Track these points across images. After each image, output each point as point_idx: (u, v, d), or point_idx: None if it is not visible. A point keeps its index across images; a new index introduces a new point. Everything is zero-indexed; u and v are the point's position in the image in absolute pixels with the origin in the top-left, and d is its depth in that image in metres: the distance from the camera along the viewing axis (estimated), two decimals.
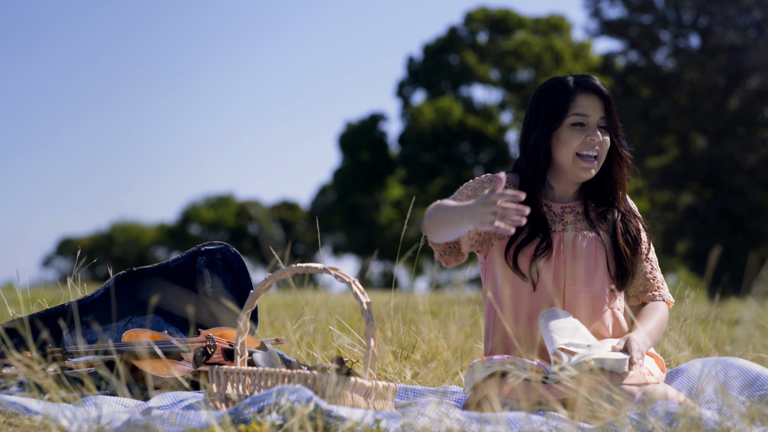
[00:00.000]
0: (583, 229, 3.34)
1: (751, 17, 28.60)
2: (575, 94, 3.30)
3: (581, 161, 3.28)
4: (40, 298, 4.40)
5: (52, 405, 2.82)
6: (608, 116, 3.31)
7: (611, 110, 3.31)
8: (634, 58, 30.39)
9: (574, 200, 3.40)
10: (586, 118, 3.28)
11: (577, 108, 3.28)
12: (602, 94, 3.30)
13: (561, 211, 3.36)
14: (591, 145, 3.27)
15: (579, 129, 3.28)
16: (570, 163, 3.29)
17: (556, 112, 3.29)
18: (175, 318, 3.91)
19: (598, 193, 3.40)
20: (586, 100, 3.30)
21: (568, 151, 3.28)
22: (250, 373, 2.94)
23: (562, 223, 3.34)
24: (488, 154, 33.92)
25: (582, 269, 3.27)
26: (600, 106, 3.30)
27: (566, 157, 3.29)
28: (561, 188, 3.39)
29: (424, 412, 2.67)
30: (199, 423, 2.61)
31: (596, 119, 3.29)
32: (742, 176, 28.03)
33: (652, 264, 3.41)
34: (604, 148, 3.31)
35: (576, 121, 3.28)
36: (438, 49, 34.46)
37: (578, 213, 3.37)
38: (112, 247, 47.42)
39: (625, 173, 3.40)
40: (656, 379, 3.08)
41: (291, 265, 3.08)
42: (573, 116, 3.28)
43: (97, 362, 3.41)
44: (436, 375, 4.04)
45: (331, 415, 2.60)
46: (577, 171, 3.29)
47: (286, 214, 46.28)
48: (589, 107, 3.29)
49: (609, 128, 3.31)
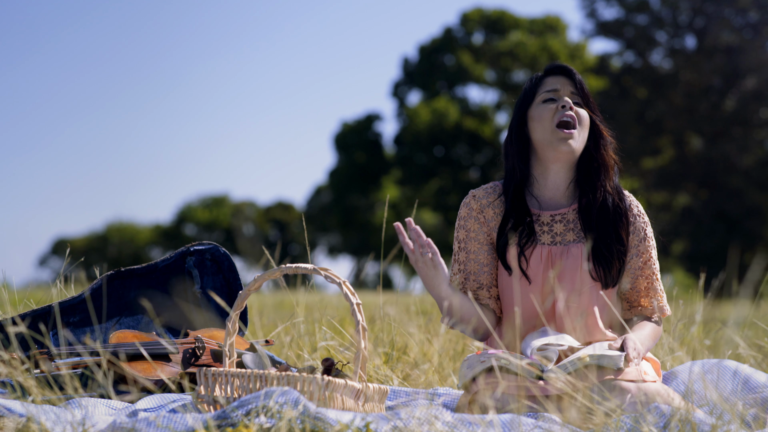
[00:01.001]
0: (572, 241, 3.26)
1: (747, 18, 28.62)
2: (543, 78, 3.33)
3: (559, 131, 3.22)
4: (29, 299, 4.36)
5: (35, 407, 2.78)
6: (581, 93, 3.28)
7: (583, 89, 3.29)
8: (630, 58, 30.42)
9: (567, 204, 3.32)
10: (555, 92, 3.27)
11: (546, 86, 3.29)
12: (570, 73, 3.29)
13: (550, 220, 3.29)
14: (563, 112, 3.22)
15: (550, 102, 3.27)
16: (549, 138, 3.23)
17: (525, 97, 3.31)
18: (163, 319, 3.87)
19: (591, 185, 3.29)
20: (554, 79, 3.31)
21: (544, 126, 3.24)
22: (239, 375, 2.91)
23: (550, 234, 3.28)
24: (484, 155, 33.92)
25: (568, 284, 3.20)
26: (569, 82, 3.29)
27: (543, 132, 3.24)
28: (549, 184, 3.31)
29: (415, 414, 2.63)
30: (185, 426, 2.58)
31: (566, 93, 3.28)
32: (738, 177, 28.06)
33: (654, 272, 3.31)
34: (581, 118, 3.25)
35: (546, 97, 3.27)
36: (433, 50, 34.48)
37: (569, 221, 3.29)
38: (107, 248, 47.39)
39: (610, 155, 3.31)
40: (653, 378, 3.04)
41: (281, 266, 3.05)
42: (543, 94, 3.28)
43: (84, 363, 3.37)
44: (428, 377, 4.01)
45: (320, 418, 2.56)
46: (557, 143, 3.22)
47: (281, 215, 46.28)
48: (557, 83, 3.29)
49: (584, 104, 3.28)
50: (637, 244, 3.30)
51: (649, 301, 3.30)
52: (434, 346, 4.43)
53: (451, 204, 32.00)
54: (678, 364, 4.09)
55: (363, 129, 35.99)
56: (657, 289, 3.32)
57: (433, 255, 3.09)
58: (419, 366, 4.16)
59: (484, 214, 3.32)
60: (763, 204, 28.23)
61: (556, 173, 3.30)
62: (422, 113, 33.21)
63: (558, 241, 3.25)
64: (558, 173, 3.30)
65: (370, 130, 36.04)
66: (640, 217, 3.33)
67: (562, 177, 3.31)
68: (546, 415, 2.83)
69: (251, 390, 2.87)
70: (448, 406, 3.27)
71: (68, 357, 3.39)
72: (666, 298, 3.35)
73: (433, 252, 3.08)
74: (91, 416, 2.75)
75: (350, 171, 35.54)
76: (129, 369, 3.37)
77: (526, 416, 2.85)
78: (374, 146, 35.74)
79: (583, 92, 3.28)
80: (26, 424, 2.65)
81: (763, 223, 28.27)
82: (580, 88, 3.28)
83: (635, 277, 3.30)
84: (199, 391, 2.95)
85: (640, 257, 3.30)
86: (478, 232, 3.31)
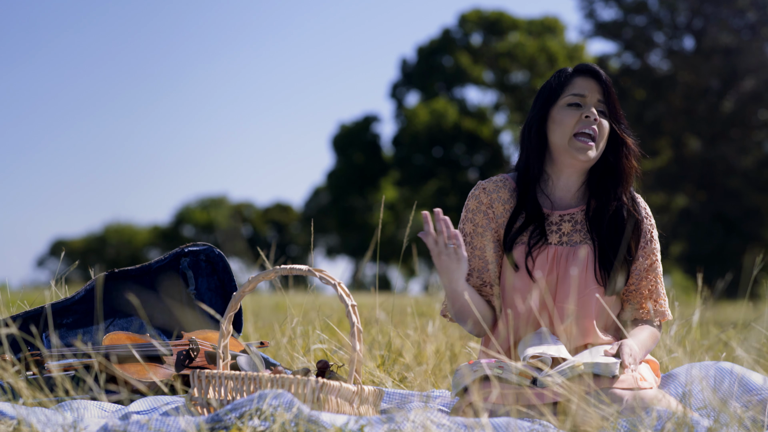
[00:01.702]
0: (578, 241, 3.21)
1: (745, 19, 28.60)
2: (572, 77, 3.23)
3: (577, 141, 3.15)
4: (22, 300, 4.33)
5: (26, 409, 2.76)
6: (607, 101, 3.20)
7: (610, 96, 3.20)
8: (629, 59, 30.40)
9: (576, 204, 3.27)
10: (582, 98, 3.18)
11: (574, 89, 3.20)
12: (600, 78, 3.20)
13: (559, 220, 3.24)
14: (587, 123, 3.15)
15: (575, 108, 3.18)
16: (566, 145, 3.16)
17: (550, 94, 3.21)
18: (157, 320, 3.84)
19: (603, 190, 3.25)
20: (583, 82, 3.21)
21: (564, 132, 3.16)
22: (233, 377, 2.88)
23: (558, 234, 3.23)
24: (483, 156, 33.93)
25: (573, 287, 3.16)
26: (598, 88, 3.20)
27: (562, 138, 3.16)
28: (561, 184, 3.26)
29: (410, 417, 2.61)
30: (178, 429, 2.55)
31: (593, 100, 3.19)
32: (737, 179, 28.05)
33: (657, 276, 3.27)
34: (602, 131, 3.18)
35: (572, 101, 3.18)
36: (432, 51, 34.47)
37: (576, 222, 3.24)
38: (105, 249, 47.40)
39: (632, 164, 3.23)
40: (649, 385, 3.00)
41: (275, 267, 3.02)
42: (569, 96, 3.19)
43: (77, 365, 3.34)
44: (425, 378, 3.98)
45: (314, 421, 2.54)
46: (573, 152, 3.15)
47: (279, 216, 46.27)
48: (585, 88, 3.19)
49: (609, 114, 3.20)
50: (644, 246, 3.26)
51: (651, 305, 3.26)
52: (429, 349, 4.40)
53: (449, 205, 31.97)
54: (676, 366, 4.06)
55: (361, 130, 35.99)
56: (660, 292, 3.28)
57: (458, 248, 3.03)
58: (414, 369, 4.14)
59: (494, 209, 3.26)
60: (762, 205, 28.23)
61: (569, 176, 3.25)
62: (420, 114, 33.20)
63: (565, 242, 3.21)
64: (571, 176, 3.25)
65: (368, 131, 36.05)
66: (647, 220, 3.28)
67: (574, 180, 3.26)
68: (540, 420, 2.80)
69: (245, 392, 2.84)
70: (444, 409, 3.25)
71: (60, 359, 3.36)
72: (667, 303, 3.31)
73: (459, 244, 3.03)
74: (82, 419, 2.73)
75: (348, 172, 35.53)
76: (121, 371, 3.35)
77: (522, 420, 2.82)
78: (372, 147, 35.74)
79: (610, 100, 3.20)
80: (17, 427, 2.63)
81: (761, 225, 28.27)
82: (608, 94, 3.20)
83: (639, 279, 3.26)
84: (193, 393, 2.92)
85: (646, 259, 3.26)
86: (486, 228, 3.25)
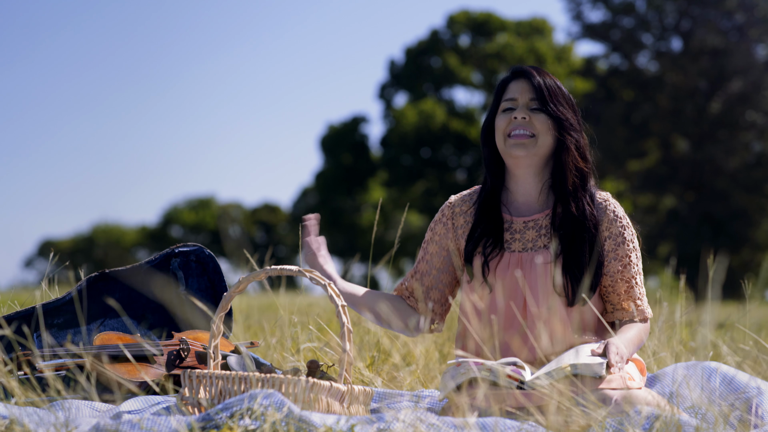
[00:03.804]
0: (542, 246, 3.24)
1: (733, 20, 28.70)
2: (506, 84, 3.35)
3: (510, 140, 3.26)
4: (13, 300, 4.34)
5: (18, 409, 2.77)
6: (540, 98, 3.26)
7: (544, 93, 3.26)
8: (616, 61, 30.48)
9: (541, 209, 3.30)
10: (514, 101, 3.29)
11: (507, 94, 3.32)
12: (531, 77, 3.29)
13: (523, 227, 3.28)
14: (516, 123, 3.25)
15: (508, 113, 3.29)
16: (504, 148, 3.27)
17: (492, 105, 3.35)
18: (148, 321, 3.86)
19: (559, 192, 3.27)
20: (515, 85, 3.32)
21: (500, 137, 3.29)
22: (223, 377, 2.90)
23: (522, 242, 3.27)
24: (471, 157, 33.92)
25: (537, 292, 3.18)
26: (529, 88, 3.29)
27: (500, 142, 3.29)
28: (521, 190, 3.31)
29: (400, 416, 2.63)
30: (169, 429, 2.57)
31: (525, 101, 3.28)
32: (724, 179, 28.15)
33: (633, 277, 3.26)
34: (537, 126, 3.25)
35: (506, 107, 3.30)
36: (420, 52, 34.45)
37: (541, 227, 3.27)
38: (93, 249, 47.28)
39: (575, 160, 3.26)
40: (638, 384, 3.02)
41: (265, 267, 3.04)
42: (503, 102, 3.31)
43: (68, 365, 3.35)
44: (414, 378, 4.00)
45: (304, 420, 2.55)
46: (509, 151, 3.26)
47: (267, 217, 46.22)
48: (516, 91, 3.30)
49: (544, 109, 3.26)
50: (615, 248, 3.26)
51: (629, 304, 3.27)
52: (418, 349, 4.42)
53: (437, 205, 31.94)
54: (662, 366, 4.09)
55: (349, 131, 35.94)
56: (637, 292, 3.27)
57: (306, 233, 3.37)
58: (402, 369, 4.16)
59: (454, 221, 3.37)
60: (749, 206, 28.32)
61: (524, 179, 3.30)
62: (409, 115, 33.20)
63: (529, 248, 3.25)
64: (526, 179, 3.30)
65: (356, 132, 36.00)
66: (617, 222, 3.27)
67: (531, 183, 3.30)
68: (527, 419, 2.82)
69: (236, 392, 2.86)
70: (433, 408, 3.27)
71: (52, 359, 3.38)
72: (647, 302, 3.32)
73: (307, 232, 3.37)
74: (74, 418, 2.74)
75: (336, 173, 35.49)
76: (112, 371, 3.36)
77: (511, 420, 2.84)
78: (360, 148, 35.70)
79: (542, 95, 3.27)
80: (9, 426, 2.64)
81: (748, 226, 28.36)
82: (539, 91, 3.27)
83: (614, 280, 3.25)
84: (184, 393, 2.94)
85: (619, 261, 3.25)
86: (443, 237, 3.37)
